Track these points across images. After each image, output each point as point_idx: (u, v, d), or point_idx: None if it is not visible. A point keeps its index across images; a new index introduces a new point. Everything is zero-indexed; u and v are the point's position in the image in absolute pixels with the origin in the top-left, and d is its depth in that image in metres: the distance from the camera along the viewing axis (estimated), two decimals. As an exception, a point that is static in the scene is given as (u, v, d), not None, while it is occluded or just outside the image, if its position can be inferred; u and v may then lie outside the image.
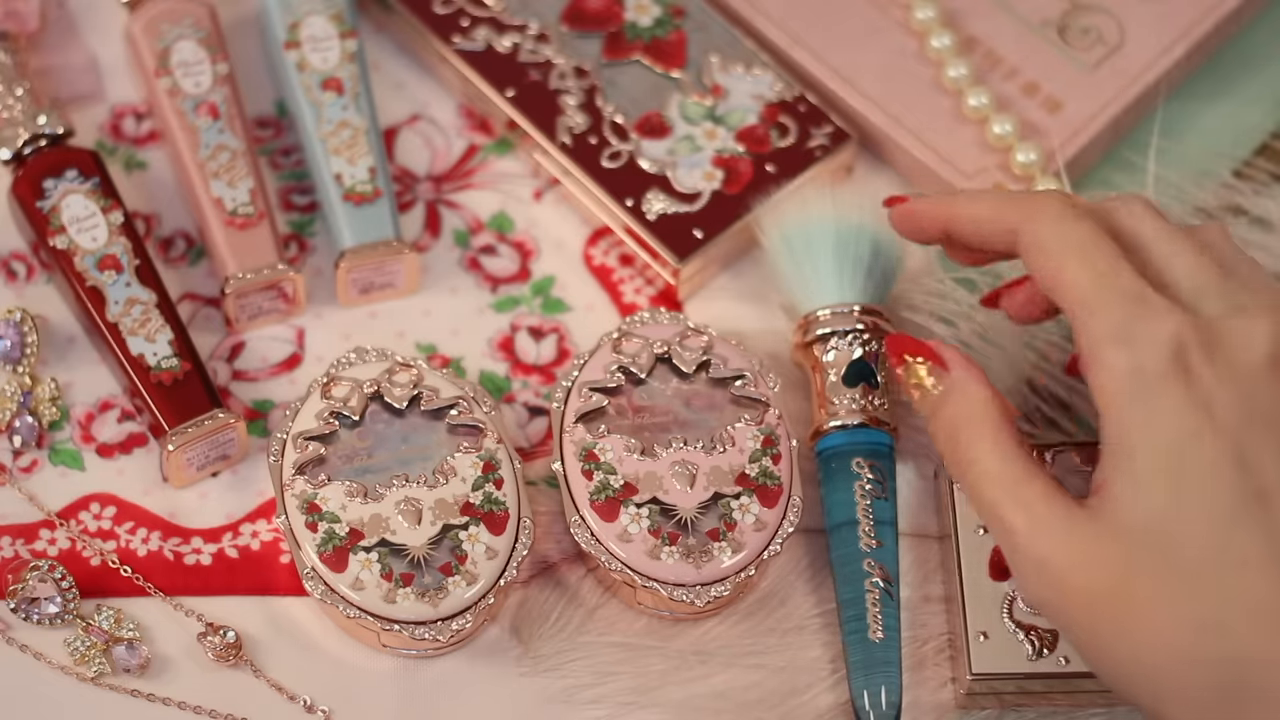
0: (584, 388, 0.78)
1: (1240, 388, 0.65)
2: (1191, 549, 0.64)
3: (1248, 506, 0.63)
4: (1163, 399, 0.65)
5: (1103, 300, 0.67)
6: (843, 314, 0.78)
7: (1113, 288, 0.67)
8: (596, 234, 0.85)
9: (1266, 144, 0.87)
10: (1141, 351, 0.65)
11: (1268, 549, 0.63)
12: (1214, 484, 0.64)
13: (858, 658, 0.74)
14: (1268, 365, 0.65)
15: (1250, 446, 0.64)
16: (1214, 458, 0.64)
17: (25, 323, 0.80)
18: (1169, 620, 0.63)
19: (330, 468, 0.76)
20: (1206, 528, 0.64)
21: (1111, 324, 0.66)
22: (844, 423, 0.77)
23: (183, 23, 0.84)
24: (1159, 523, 0.64)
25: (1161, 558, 0.64)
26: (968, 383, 0.70)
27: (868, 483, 0.76)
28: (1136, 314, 0.66)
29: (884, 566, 0.75)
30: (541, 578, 0.78)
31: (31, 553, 0.78)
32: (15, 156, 0.82)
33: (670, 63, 0.86)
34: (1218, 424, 0.64)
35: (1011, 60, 0.86)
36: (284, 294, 0.82)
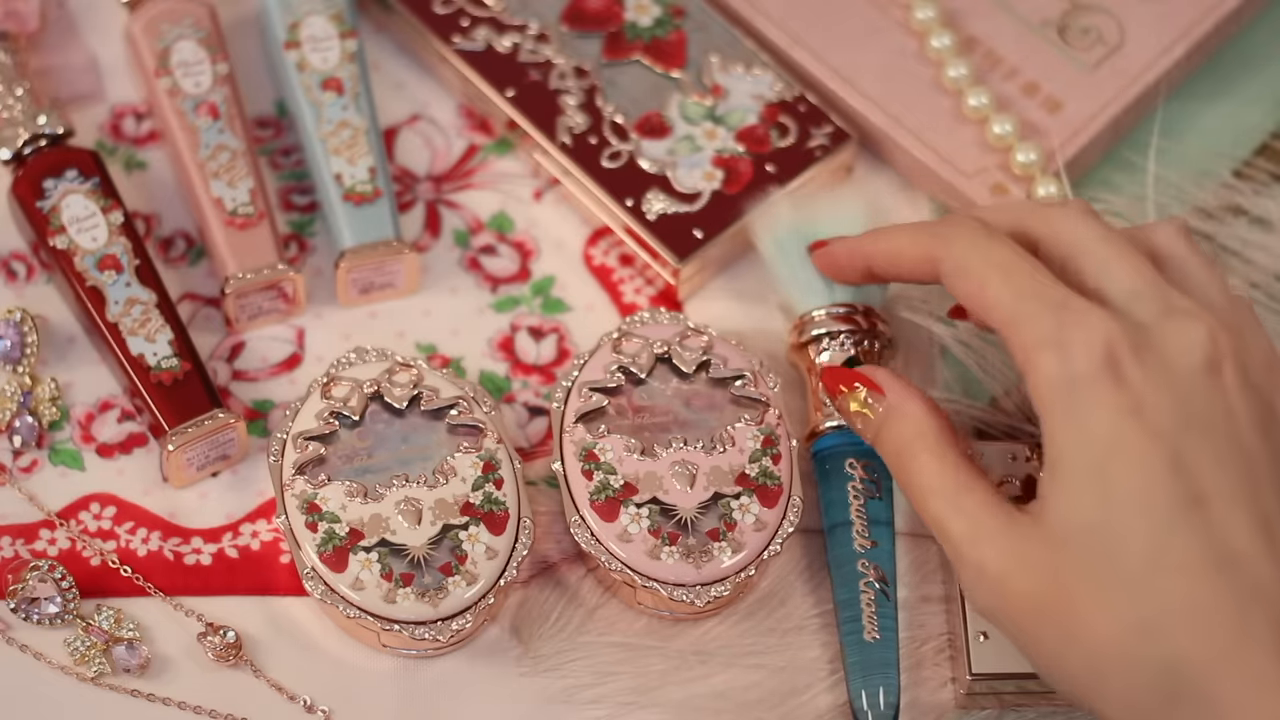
0: (584, 388, 0.78)
1: (1174, 391, 0.65)
2: (1127, 553, 0.64)
3: (1184, 511, 0.64)
4: (1093, 403, 0.65)
5: (1029, 311, 0.67)
6: (835, 315, 0.78)
7: (1038, 297, 0.67)
8: (596, 234, 0.85)
9: (1266, 144, 0.87)
10: (1072, 356, 0.65)
11: (1204, 553, 0.63)
12: (1148, 488, 0.64)
13: (855, 659, 0.74)
14: (1203, 369, 0.65)
15: (1186, 451, 0.64)
16: (1147, 462, 0.64)
17: (25, 323, 0.80)
18: (1106, 624, 0.64)
19: (330, 468, 0.76)
20: (1142, 532, 0.64)
21: (1041, 332, 0.66)
22: (838, 423, 0.77)
23: (183, 23, 0.84)
24: (1092, 527, 0.64)
25: (1096, 562, 0.64)
26: (905, 402, 0.71)
27: (860, 483, 0.76)
28: (1065, 320, 0.66)
29: (879, 567, 0.75)
30: (541, 578, 0.78)
31: (31, 553, 0.78)
32: (15, 156, 0.82)
33: (670, 63, 0.86)
34: (1150, 428, 0.64)
35: (1011, 60, 0.86)
36: (284, 294, 0.82)
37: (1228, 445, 0.65)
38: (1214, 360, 0.66)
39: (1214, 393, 0.65)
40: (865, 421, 0.72)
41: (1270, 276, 0.82)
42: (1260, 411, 0.66)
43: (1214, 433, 0.65)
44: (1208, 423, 0.65)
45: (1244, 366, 0.66)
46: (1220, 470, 0.64)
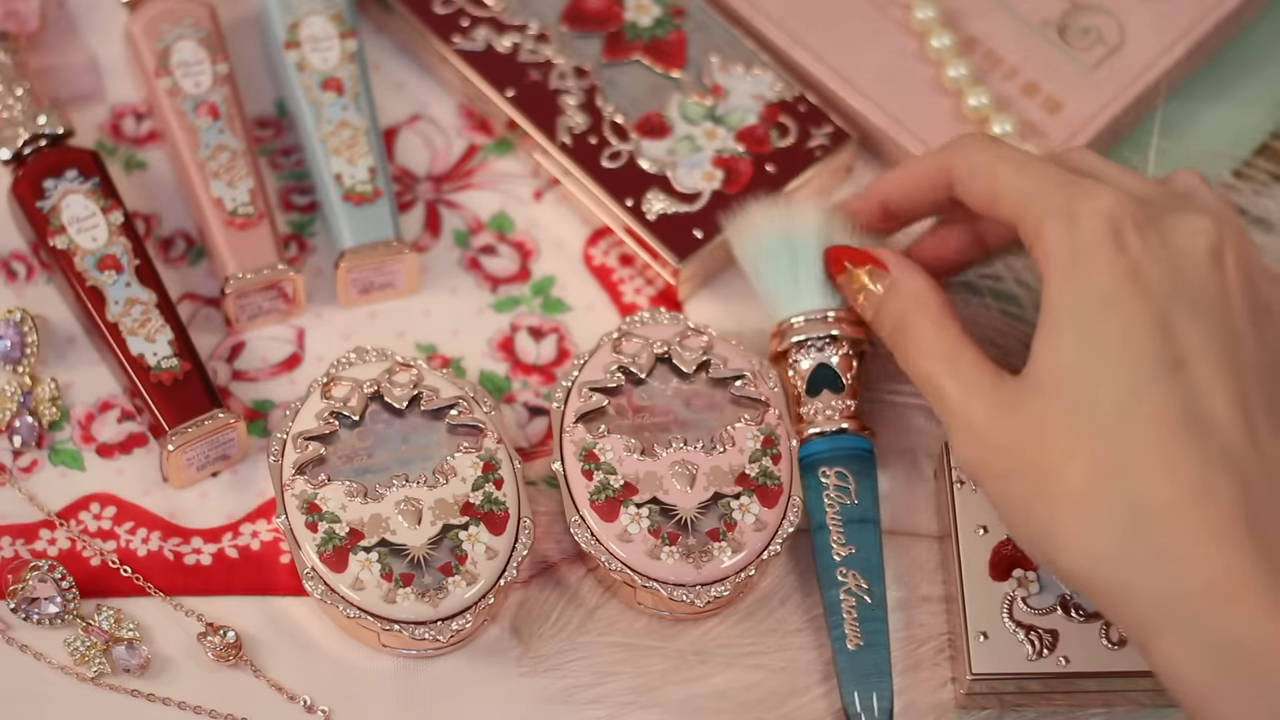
0: (584, 388, 0.78)
1: (1173, 265, 0.67)
2: (1100, 401, 0.65)
3: (1164, 370, 0.65)
4: (1092, 265, 0.67)
5: (1039, 189, 0.69)
6: (808, 322, 0.78)
7: (1048, 177, 0.70)
8: (596, 234, 0.85)
9: (1266, 144, 0.87)
10: (1079, 223, 0.68)
11: (1178, 410, 0.65)
12: (1132, 342, 0.66)
13: (844, 665, 0.75)
14: (1205, 253, 0.67)
15: (1174, 317, 0.66)
16: (1135, 319, 0.66)
17: (25, 323, 0.80)
18: (1073, 468, 0.65)
19: (330, 468, 0.76)
20: (1119, 381, 0.65)
21: (1051, 204, 0.69)
22: (812, 431, 0.77)
23: (183, 23, 0.84)
24: (1071, 372, 0.66)
25: (1071, 406, 0.66)
26: (907, 276, 0.73)
27: (833, 490, 0.77)
28: (1075, 193, 0.68)
29: (858, 573, 0.75)
30: (541, 578, 0.78)
31: (31, 553, 0.78)
32: (15, 156, 0.82)
33: (670, 63, 0.86)
34: (1143, 290, 0.66)
35: (1011, 60, 0.86)
36: (284, 294, 0.82)
37: (1219, 323, 0.66)
38: (1216, 248, 0.68)
39: (1212, 276, 0.67)
40: (868, 297, 0.74)
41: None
42: (1255, 303, 0.68)
43: (1207, 310, 0.66)
44: (1201, 299, 0.67)
45: (1244, 262, 0.68)
46: (1207, 343, 0.66)
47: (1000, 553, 0.75)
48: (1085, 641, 0.74)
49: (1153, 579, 0.64)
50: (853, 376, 0.78)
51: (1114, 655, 0.73)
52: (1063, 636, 0.74)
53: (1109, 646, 0.73)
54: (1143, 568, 0.64)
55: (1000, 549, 0.75)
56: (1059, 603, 0.74)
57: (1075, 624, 0.74)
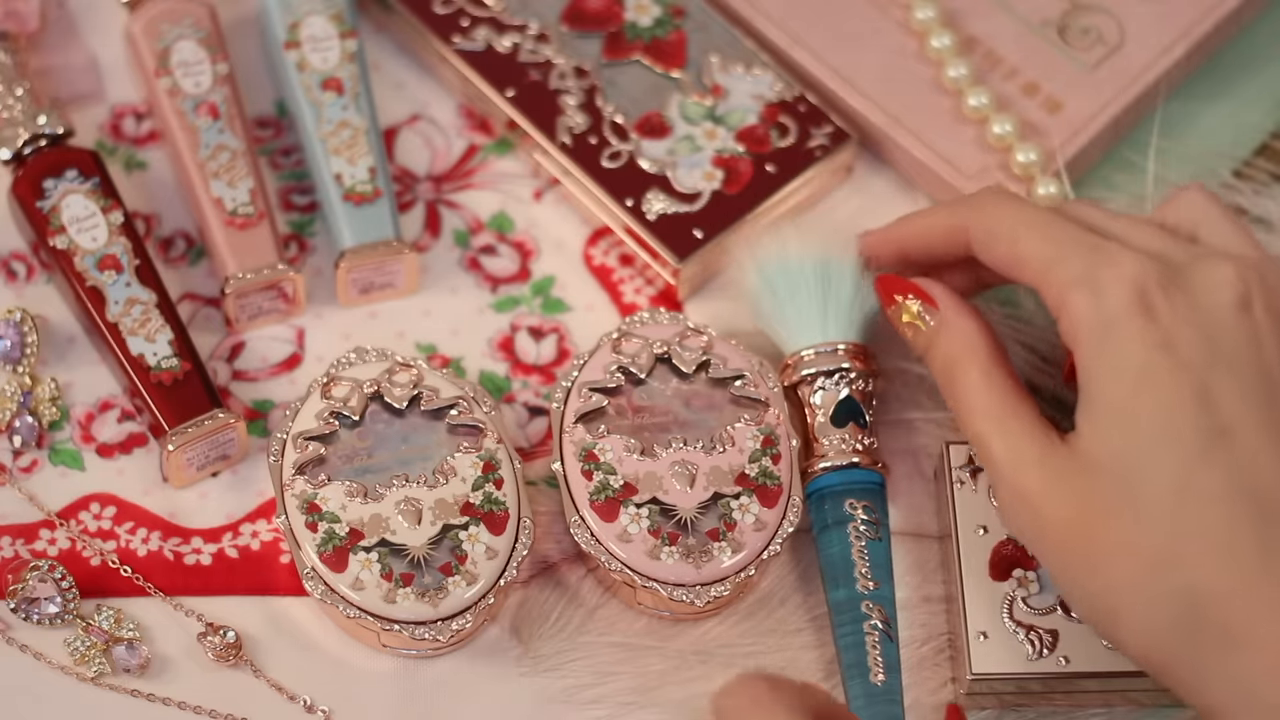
0: (584, 388, 0.78)
1: (1203, 327, 0.66)
2: (1152, 483, 0.65)
3: (1210, 443, 0.65)
4: (1125, 337, 0.66)
5: (1061, 255, 0.69)
6: (827, 353, 0.77)
7: (1069, 242, 0.69)
8: (596, 234, 0.85)
9: (1266, 144, 0.87)
10: (1105, 293, 0.67)
11: (1228, 485, 0.64)
12: (1175, 420, 0.65)
13: (860, 700, 0.74)
14: (1232, 305, 0.67)
15: (1213, 384, 0.65)
16: (1175, 394, 0.65)
17: (25, 323, 0.80)
18: (1128, 553, 0.65)
19: (330, 468, 0.76)
20: (1168, 463, 0.65)
21: (1074, 272, 0.68)
22: (834, 463, 0.76)
23: (183, 23, 0.84)
24: (1121, 457, 0.66)
25: (1123, 491, 0.65)
26: (958, 318, 0.72)
27: (861, 524, 0.76)
28: (1098, 260, 0.68)
29: (883, 609, 0.75)
30: (541, 578, 0.78)
31: (31, 553, 0.78)
32: (15, 156, 0.82)
33: (670, 63, 0.86)
34: (1179, 361, 0.66)
35: (1011, 60, 0.86)
36: (284, 294, 0.82)
37: (1255, 379, 0.66)
38: (1243, 298, 0.67)
39: (1242, 329, 0.67)
40: (916, 333, 0.73)
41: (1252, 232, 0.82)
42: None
43: (1241, 367, 0.66)
44: (1235, 357, 0.66)
45: (1272, 306, 0.68)
46: (1246, 403, 0.65)
47: (1000, 553, 0.75)
48: (1085, 641, 0.74)
49: (1220, 664, 0.63)
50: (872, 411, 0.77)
51: (1114, 655, 0.73)
52: (1063, 636, 0.74)
53: (1109, 646, 0.73)
54: (1209, 653, 0.63)
55: (1000, 549, 0.75)
56: (1059, 603, 0.74)
57: (1075, 624, 0.74)
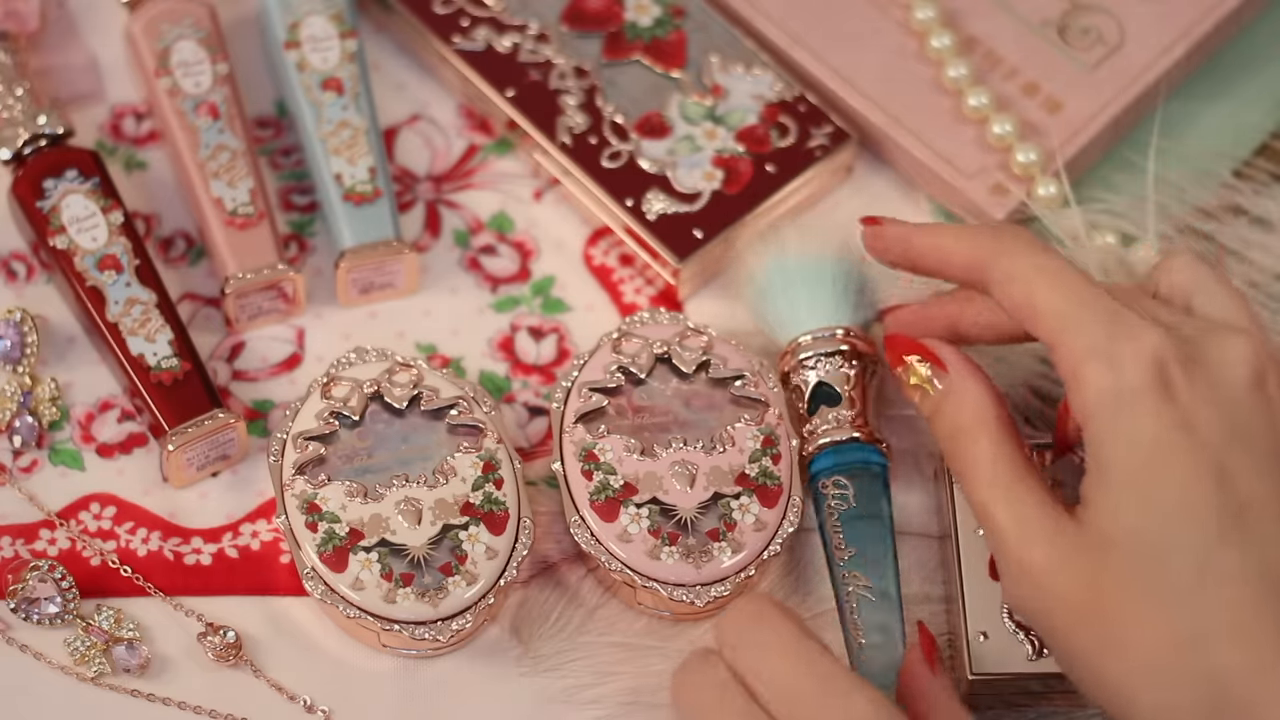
0: (584, 388, 0.78)
1: (1220, 405, 0.65)
2: (1172, 564, 0.64)
3: (1229, 522, 0.64)
4: (1142, 414, 0.65)
5: (1080, 319, 0.67)
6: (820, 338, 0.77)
7: (1088, 306, 0.67)
8: (596, 234, 0.85)
9: (1266, 144, 0.87)
10: (1122, 367, 0.66)
11: (1247, 564, 0.63)
12: (1194, 500, 0.64)
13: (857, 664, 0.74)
14: (1249, 384, 0.66)
15: (1230, 463, 0.64)
16: (1193, 473, 0.64)
17: (25, 323, 0.80)
18: (1148, 635, 0.64)
19: (330, 468, 0.76)
20: (1188, 542, 0.64)
21: (1091, 340, 0.66)
22: (813, 446, 0.77)
23: (183, 23, 0.84)
24: (1137, 536, 0.64)
25: (1141, 571, 0.64)
26: (967, 383, 0.70)
27: (834, 499, 0.76)
28: (1116, 331, 0.66)
29: (859, 574, 0.74)
30: (541, 578, 0.78)
31: (31, 553, 0.78)
32: (15, 156, 0.82)
33: (670, 63, 0.86)
34: (1198, 439, 0.65)
35: (1011, 60, 0.86)
36: (284, 294, 0.82)
37: (1270, 457, 0.65)
38: (1258, 374, 0.66)
39: (1257, 407, 0.66)
40: (923, 397, 0.72)
41: (1270, 276, 0.82)
42: None
43: (1257, 445, 0.65)
44: (1251, 436, 0.65)
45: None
46: (1263, 482, 0.64)
47: (1000, 553, 0.75)
48: (1085, 641, 0.74)
49: None
50: (851, 389, 0.77)
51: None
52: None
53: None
54: None
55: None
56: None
57: (1075, 624, 0.74)
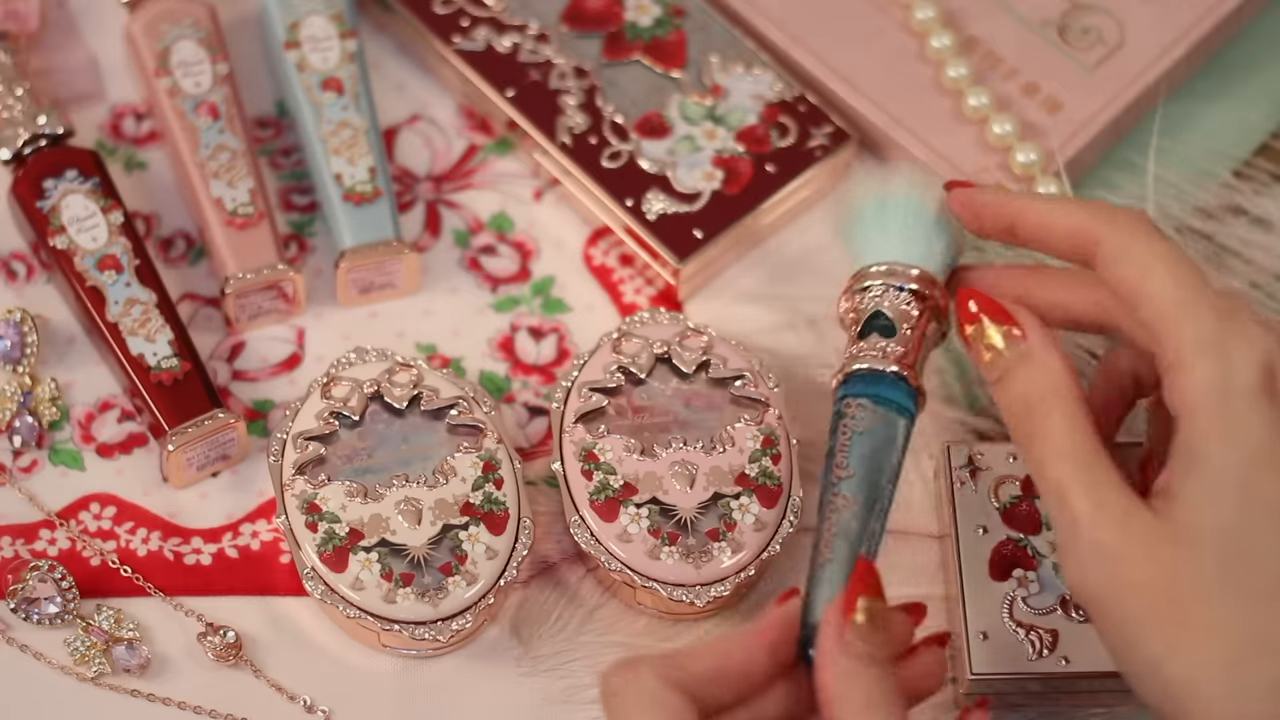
0: (584, 388, 0.78)
1: None
2: (1262, 566, 0.63)
3: None
4: (1248, 414, 0.64)
5: (1193, 309, 0.65)
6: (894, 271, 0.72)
7: (1204, 299, 0.66)
8: (596, 234, 0.85)
9: (1266, 144, 0.87)
10: (1233, 364, 0.64)
11: None
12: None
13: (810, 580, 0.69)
14: None
15: None
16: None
17: (25, 323, 0.80)
18: (1225, 633, 0.63)
19: (330, 468, 0.76)
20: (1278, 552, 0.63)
21: (1202, 332, 0.65)
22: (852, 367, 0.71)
23: (183, 23, 0.84)
24: (1228, 535, 0.63)
25: (1226, 570, 0.63)
26: (1046, 352, 0.68)
27: (852, 418, 0.71)
28: (1230, 327, 0.65)
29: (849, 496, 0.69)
30: (541, 578, 0.78)
31: (31, 553, 0.78)
32: (15, 156, 0.82)
33: (670, 63, 0.86)
34: None
35: (1011, 60, 0.86)
36: (284, 294, 0.82)
37: None
38: None
39: None
40: (995, 358, 0.69)
41: (1270, 276, 0.82)
42: None
43: None
44: None
45: None
46: None
47: (1000, 552, 0.75)
48: (1085, 641, 0.74)
49: None
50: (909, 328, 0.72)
51: (1114, 655, 0.73)
52: (1063, 636, 0.74)
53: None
54: None
55: (1000, 549, 0.75)
56: (1059, 603, 0.74)
57: (1075, 624, 0.74)
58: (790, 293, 0.83)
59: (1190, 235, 0.83)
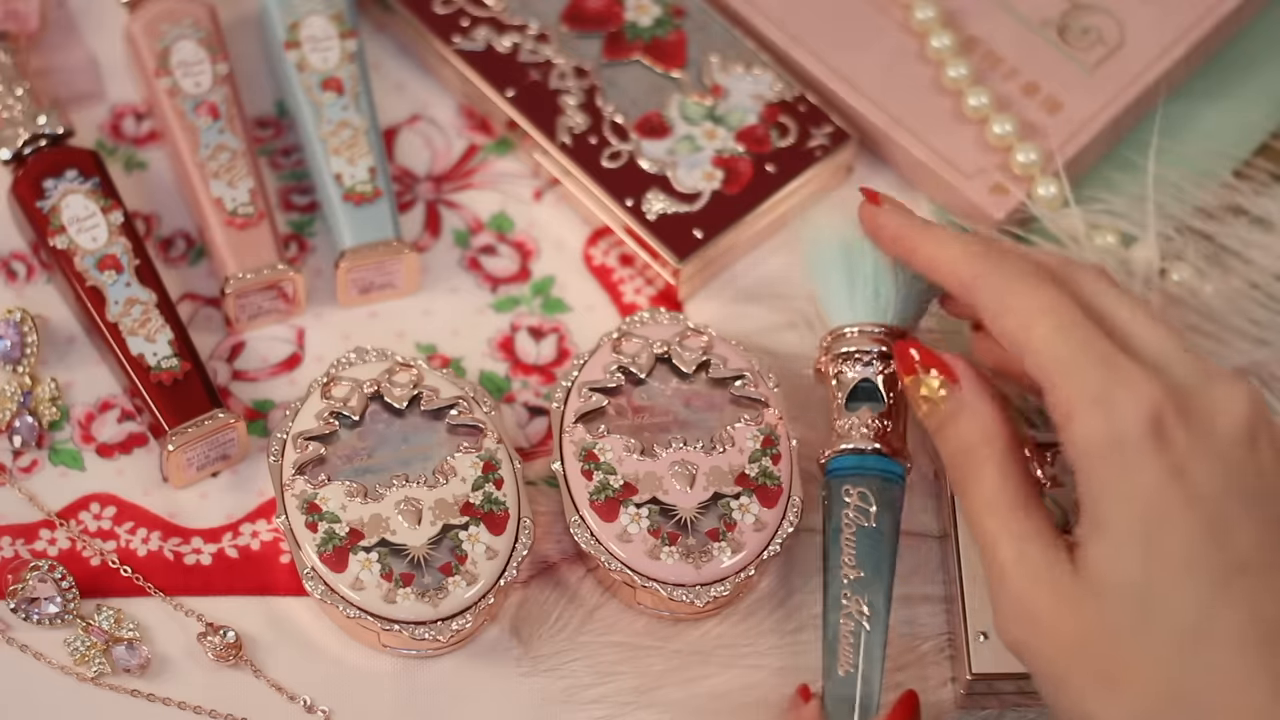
0: (584, 388, 0.78)
1: (1217, 457, 0.65)
2: (1169, 617, 0.63)
3: (1227, 579, 0.63)
4: (1139, 466, 0.64)
5: (1077, 363, 0.66)
6: (858, 334, 0.75)
7: (1087, 350, 0.66)
8: (596, 234, 0.85)
9: (1266, 144, 0.87)
10: (1119, 416, 0.65)
11: (1244, 622, 0.63)
12: (1192, 554, 0.63)
13: (829, 692, 0.72)
14: (1245, 436, 0.65)
15: (1228, 517, 0.64)
16: (1191, 529, 0.64)
17: (25, 323, 0.80)
18: (1139, 686, 0.63)
19: (330, 468, 0.76)
20: (1185, 597, 0.63)
21: (1088, 386, 0.65)
22: (851, 446, 0.74)
23: (183, 23, 0.84)
24: (1136, 589, 0.64)
25: (1137, 623, 0.64)
26: (979, 401, 0.69)
27: (854, 510, 0.73)
28: (1114, 378, 0.65)
29: (861, 599, 0.72)
30: (541, 578, 0.78)
31: (31, 553, 0.78)
32: (15, 156, 0.82)
33: (670, 63, 0.86)
34: (1194, 494, 0.64)
35: (1011, 60, 0.86)
36: (284, 294, 0.82)
37: (1265, 513, 0.64)
38: (1254, 427, 0.65)
39: (1252, 460, 0.65)
40: (931, 409, 0.70)
41: (1270, 276, 0.82)
42: None
43: (1253, 500, 0.64)
44: (1247, 490, 0.65)
45: (1274, 434, 0.66)
46: (1260, 538, 0.64)
47: (1000, 553, 0.75)
48: (1085, 641, 0.74)
49: None
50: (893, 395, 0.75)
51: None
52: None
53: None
54: None
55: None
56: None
57: (1075, 624, 0.74)
58: (790, 293, 0.83)
59: (1190, 235, 0.83)
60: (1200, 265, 0.81)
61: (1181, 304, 0.81)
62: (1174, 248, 0.82)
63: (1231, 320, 0.81)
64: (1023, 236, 0.82)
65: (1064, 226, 0.82)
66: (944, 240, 0.71)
